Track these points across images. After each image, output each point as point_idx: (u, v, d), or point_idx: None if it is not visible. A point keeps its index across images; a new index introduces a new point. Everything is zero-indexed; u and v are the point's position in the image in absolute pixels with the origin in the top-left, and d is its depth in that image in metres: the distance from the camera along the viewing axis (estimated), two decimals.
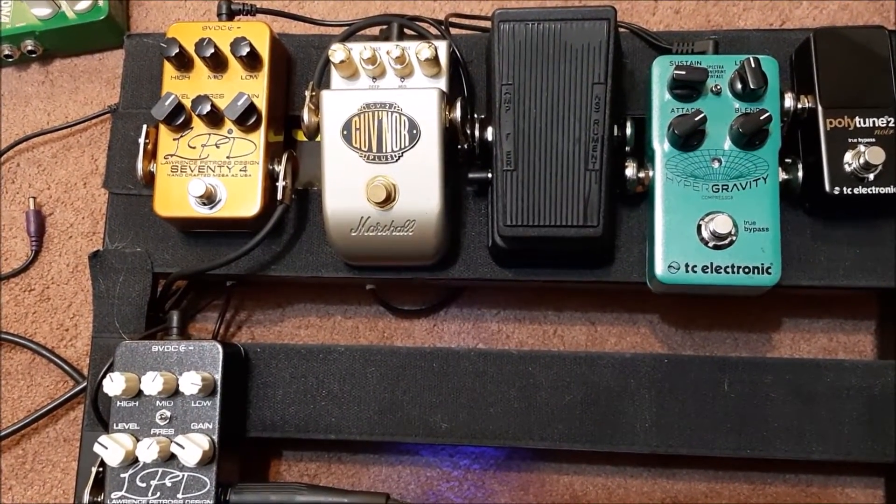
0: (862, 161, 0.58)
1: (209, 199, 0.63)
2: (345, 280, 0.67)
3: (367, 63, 0.62)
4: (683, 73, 0.59)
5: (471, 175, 0.63)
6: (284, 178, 0.64)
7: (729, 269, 0.59)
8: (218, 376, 0.62)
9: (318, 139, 0.62)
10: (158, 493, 0.60)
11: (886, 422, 0.61)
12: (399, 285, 0.72)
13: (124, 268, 0.68)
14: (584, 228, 0.59)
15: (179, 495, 0.60)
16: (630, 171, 0.61)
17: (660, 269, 0.59)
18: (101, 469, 0.62)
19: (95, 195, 0.78)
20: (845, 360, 0.66)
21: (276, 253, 0.67)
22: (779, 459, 0.64)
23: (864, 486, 0.67)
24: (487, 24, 0.63)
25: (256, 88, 0.65)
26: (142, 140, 0.64)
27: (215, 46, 0.64)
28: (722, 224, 0.58)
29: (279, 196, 0.64)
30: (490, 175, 0.61)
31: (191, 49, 0.65)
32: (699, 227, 0.59)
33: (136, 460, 0.60)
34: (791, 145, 0.62)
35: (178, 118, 0.64)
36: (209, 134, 0.65)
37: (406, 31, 0.67)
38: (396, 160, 0.60)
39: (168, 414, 0.61)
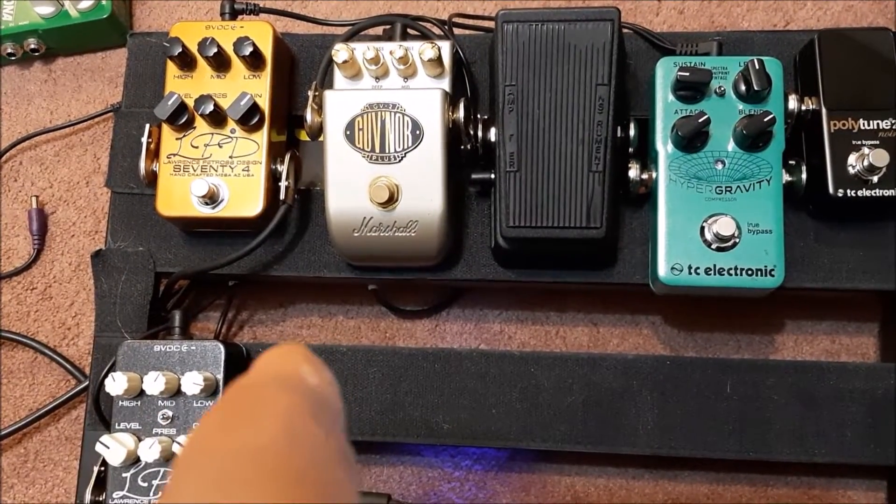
0: (866, 163, 0.58)
1: (212, 198, 0.63)
2: (347, 280, 0.67)
3: (370, 63, 0.61)
4: (687, 74, 0.59)
5: (474, 176, 0.63)
6: (287, 178, 0.64)
7: (732, 272, 0.58)
8: (220, 376, 0.62)
9: (320, 139, 0.62)
10: (160, 493, 0.60)
11: (889, 424, 0.61)
12: (401, 286, 0.72)
13: (126, 267, 0.68)
14: (587, 230, 0.59)
15: None
16: (633, 172, 0.61)
17: (662, 270, 0.59)
18: (102, 468, 0.62)
19: (98, 194, 0.78)
20: (848, 362, 0.66)
21: (278, 253, 0.67)
22: (781, 462, 0.64)
23: (867, 488, 0.67)
24: (491, 24, 0.62)
25: (259, 88, 0.65)
26: (144, 139, 0.64)
27: (218, 46, 0.64)
28: (725, 226, 0.58)
29: (282, 196, 0.64)
30: (493, 176, 0.61)
31: (194, 48, 0.65)
32: (702, 228, 0.59)
33: (137, 460, 0.60)
34: (795, 147, 0.62)
35: (181, 118, 0.64)
36: (212, 133, 0.65)
37: (409, 31, 0.67)
38: (399, 160, 0.60)
39: (170, 414, 0.61)
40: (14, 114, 0.81)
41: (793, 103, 0.60)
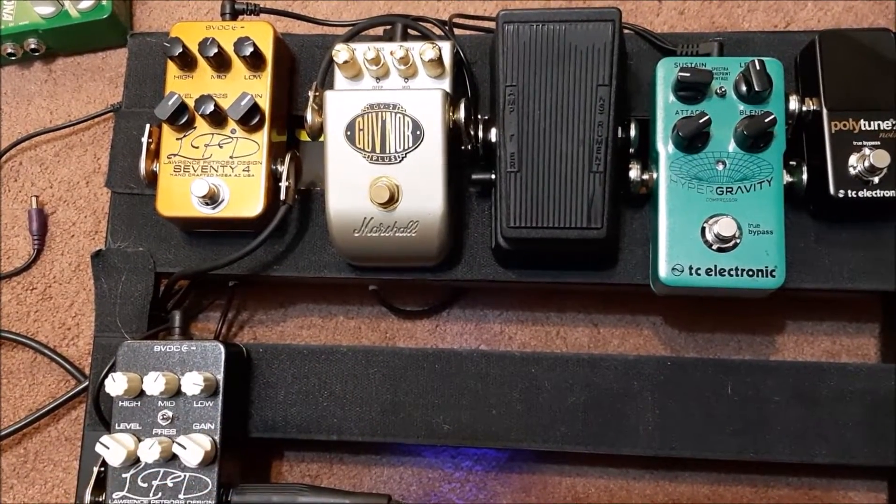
0: (867, 164, 0.58)
1: (212, 198, 0.63)
2: (347, 280, 0.67)
3: (370, 63, 0.61)
4: (688, 74, 0.59)
5: (474, 176, 0.63)
6: (287, 179, 0.64)
7: (733, 272, 0.58)
8: (220, 376, 0.61)
9: (321, 139, 0.62)
10: (160, 494, 0.60)
11: (889, 425, 0.61)
12: (402, 286, 0.72)
13: (126, 267, 0.68)
14: (587, 230, 0.59)
15: (181, 496, 0.60)
16: (634, 172, 0.61)
17: (663, 271, 0.59)
18: (102, 469, 0.61)
19: (98, 194, 0.78)
20: (848, 363, 0.66)
21: (278, 253, 0.67)
22: (781, 462, 0.64)
23: (867, 489, 0.67)
24: (492, 24, 0.62)
25: (260, 88, 0.65)
26: (145, 139, 0.64)
27: (219, 46, 0.64)
28: (726, 226, 0.58)
29: (282, 196, 0.64)
30: (493, 176, 0.61)
31: (194, 48, 0.65)
32: (703, 229, 0.59)
33: (137, 460, 0.60)
34: (796, 148, 0.62)
35: (182, 118, 0.64)
36: (212, 134, 0.65)
37: (410, 31, 0.67)
38: (400, 161, 0.60)
39: (170, 414, 0.61)
40: (14, 114, 0.81)
41: (794, 104, 0.60)
